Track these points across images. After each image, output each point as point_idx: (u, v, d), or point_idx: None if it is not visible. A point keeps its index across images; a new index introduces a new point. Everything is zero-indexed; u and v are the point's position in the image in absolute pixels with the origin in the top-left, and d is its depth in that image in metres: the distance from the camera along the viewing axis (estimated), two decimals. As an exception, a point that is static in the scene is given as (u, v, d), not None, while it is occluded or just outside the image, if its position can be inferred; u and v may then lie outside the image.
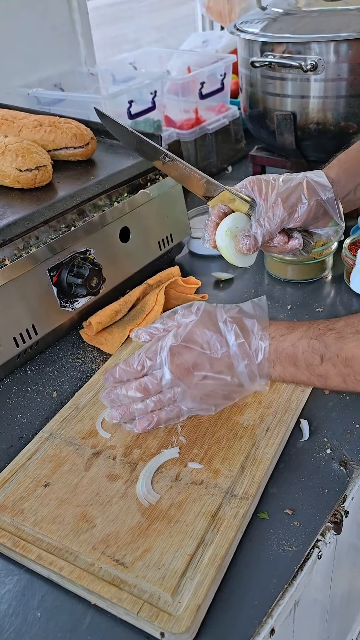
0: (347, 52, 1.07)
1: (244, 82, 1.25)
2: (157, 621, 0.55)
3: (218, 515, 0.64)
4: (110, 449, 0.74)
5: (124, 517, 0.65)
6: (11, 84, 1.36)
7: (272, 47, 1.12)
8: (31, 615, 0.59)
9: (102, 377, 0.74)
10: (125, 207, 0.99)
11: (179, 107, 1.44)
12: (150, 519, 0.64)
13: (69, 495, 0.68)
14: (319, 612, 0.82)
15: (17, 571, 0.63)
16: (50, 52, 1.46)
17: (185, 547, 0.61)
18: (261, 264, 1.13)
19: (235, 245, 0.76)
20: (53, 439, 0.76)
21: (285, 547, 0.62)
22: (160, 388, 0.68)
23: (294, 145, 1.18)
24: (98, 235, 0.95)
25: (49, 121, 1.03)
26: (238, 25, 1.20)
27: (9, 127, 1.04)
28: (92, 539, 0.63)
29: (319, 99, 1.13)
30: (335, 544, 0.72)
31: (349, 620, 1.08)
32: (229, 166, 1.56)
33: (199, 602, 0.56)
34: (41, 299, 0.89)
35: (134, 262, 1.04)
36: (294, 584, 0.60)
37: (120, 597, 0.57)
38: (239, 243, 0.75)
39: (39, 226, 0.89)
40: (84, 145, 1.02)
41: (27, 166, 0.92)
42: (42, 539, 0.64)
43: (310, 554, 0.62)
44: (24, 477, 0.71)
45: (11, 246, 0.85)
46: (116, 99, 1.27)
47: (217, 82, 1.47)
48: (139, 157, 1.06)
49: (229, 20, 1.84)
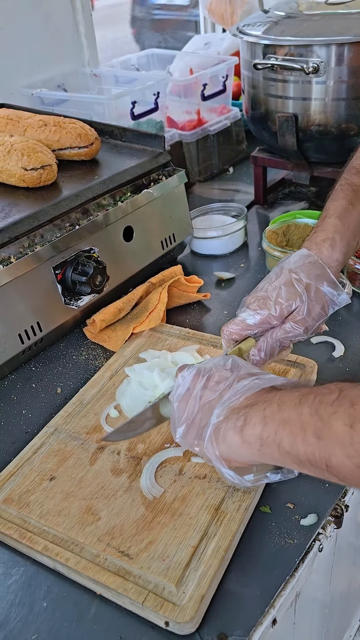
0: (349, 55, 1.09)
1: (246, 84, 1.27)
2: (162, 610, 0.56)
3: (221, 509, 0.65)
4: (115, 444, 0.75)
5: (128, 510, 0.66)
6: (15, 84, 1.38)
7: (274, 49, 1.13)
8: (37, 605, 0.60)
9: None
10: (129, 207, 1.00)
11: (181, 109, 1.46)
12: (154, 512, 0.66)
13: (74, 489, 0.69)
14: (319, 606, 0.83)
15: (23, 562, 0.64)
16: (54, 53, 1.47)
17: (189, 539, 0.62)
18: (262, 264, 1.14)
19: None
20: (58, 434, 0.77)
21: (287, 540, 0.63)
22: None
23: (295, 147, 1.20)
24: (102, 234, 0.96)
25: (53, 121, 1.05)
26: (241, 28, 1.22)
27: (14, 126, 1.05)
28: (97, 531, 0.64)
29: (321, 101, 1.14)
30: (336, 538, 0.73)
31: (347, 616, 1.10)
32: (230, 167, 1.57)
33: (202, 593, 0.57)
34: (46, 297, 0.90)
35: (137, 261, 1.05)
36: (296, 576, 0.61)
37: (125, 587, 0.58)
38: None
39: (44, 225, 0.90)
40: (88, 145, 1.04)
41: (32, 165, 0.93)
42: (48, 531, 0.65)
43: (312, 546, 0.63)
44: (29, 470, 0.72)
45: (16, 244, 0.86)
46: (119, 100, 1.28)
47: (219, 83, 1.49)
48: (142, 157, 1.07)
49: (231, 22, 1.85)
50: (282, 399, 0.54)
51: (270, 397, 0.56)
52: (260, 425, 0.54)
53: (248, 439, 0.55)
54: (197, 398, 0.61)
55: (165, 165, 1.10)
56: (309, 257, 0.72)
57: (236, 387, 0.59)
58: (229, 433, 0.56)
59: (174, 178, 1.08)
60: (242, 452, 0.56)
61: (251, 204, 1.38)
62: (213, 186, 1.50)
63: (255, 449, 0.55)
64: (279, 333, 0.71)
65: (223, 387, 0.60)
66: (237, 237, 1.20)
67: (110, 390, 0.84)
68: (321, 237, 0.74)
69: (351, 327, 0.95)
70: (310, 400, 0.51)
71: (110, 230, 0.98)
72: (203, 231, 1.19)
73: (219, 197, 1.42)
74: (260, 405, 0.55)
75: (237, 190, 1.47)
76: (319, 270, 0.72)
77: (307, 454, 0.50)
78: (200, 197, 1.44)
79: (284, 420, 0.52)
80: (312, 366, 0.84)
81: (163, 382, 0.81)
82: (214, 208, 1.28)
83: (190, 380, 0.62)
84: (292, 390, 0.55)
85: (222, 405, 0.58)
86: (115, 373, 0.87)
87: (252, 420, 0.55)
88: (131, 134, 1.14)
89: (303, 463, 0.51)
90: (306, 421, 0.50)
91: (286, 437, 0.52)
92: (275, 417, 0.53)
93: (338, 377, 0.85)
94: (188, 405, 0.61)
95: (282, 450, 0.52)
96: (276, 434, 0.53)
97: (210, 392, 0.61)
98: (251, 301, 0.72)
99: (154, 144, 1.10)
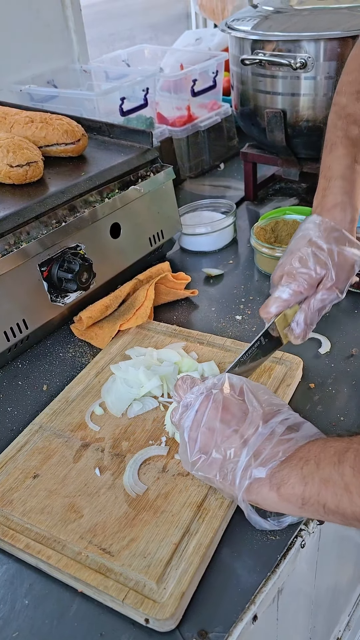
0: (337, 50, 1.08)
1: (235, 79, 1.26)
2: (142, 608, 0.56)
3: (203, 506, 0.65)
4: (99, 441, 0.75)
5: (111, 507, 0.66)
6: (4, 80, 1.37)
7: (262, 45, 1.13)
8: (19, 602, 0.60)
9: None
10: (116, 203, 1.00)
11: (171, 104, 1.45)
12: (137, 509, 0.66)
13: (58, 486, 0.69)
14: (305, 602, 0.83)
15: (5, 560, 0.64)
16: (44, 48, 1.46)
17: (170, 536, 0.62)
18: (251, 260, 1.14)
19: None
20: (43, 432, 0.77)
21: (269, 536, 0.63)
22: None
23: (284, 143, 1.19)
24: (89, 231, 0.96)
25: (40, 117, 1.04)
26: (229, 23, 1.21)
27: (0, 123, 1.05)
28: (79, 529, 0.64)
29: (309, 97, 1.14)
30: (319, 534, 0.73)
31: (336, 612, 1.10)
32: (221, 163, 1.57)
33: (183, 590, 0.57)
34: (32, 294, 0.90)
35: (125, 258, 1.04)
36: (277, 572, 0.61)
37: (106, 585, 0.58)
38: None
39: (30, 221, 0.90)
40: (75, 141, 1.03)
41: (18, 162, 0.93)
42: (31, 528, 0.65)
43: (294, 543, 0.63)
44: (13, 468, 0.72)
45: (2, 241, 0.86)
46: (109, 95, 1.28)
47: (209, 79, 1.48)
48: (130, 154, 1.07)
49: (222, 17, 1.85)
50: (319, 456, 0.55)
51: (304, 453, 0.56)
52: (300, 486, 0.54)
53: (288, 498, 0.56)
54: (212, 431, 0.61)
55: (154, 161, 1.09)
56: (323, 223, 0.73)
57: (262, 432, 0.59)
58: (264, 489, 0.57)
59: (162, 174, 1.08)
60: (279, 507, 0.58)
61: (241, 200, 1.38)
62: (204, 182, 1.50)
63: (296, 507, 0.56)
64: (315, 303, 0.72)
65: (247, 428, 0.60)
66: (226, 233, 1.20)
67: (96, 388, 0.84)
68: (331, 202, 0.75)
69: (337, 323, 0.95)
70: (350, 460, 0.52)
71: (98, 227, 0.98)
72: (192, 228, 1.18)
73: (210, 193, 1.42)
74: (296, 463, 0.56)
75: (228, 186, 1.47)
76: (336, 234, 0.73)
77: (355, 513, 0.51)
78: (191, 193, 1.44)
79: (324, 479, 0.53)
80: (297, 363, 0.84)
81: (149, 380, 0.81)
82: (203, 204, 1.28)
83: (198, 404, 0.62)
84: (326, 446, 0.55)
85: (250, 452, 0.58)
86: (101, 370, 0.87)
87: (290, 480, 0.55)
88: (119, 130, 1.13)
89: (350, 521, 0.52)
90: (350, 482, 0.51)
91: (330, 497, 0.52)
92: (315, 476, 0.54)
93: (324, 373, 0.85)
94: (200, 435, 0.61)
95: (327, 510, 0.53)
96: (319, 495, 0.53)
97: (229, 429, 0.60)
98: (279, 277, 0.73)
99: (142, 140, 1.10)
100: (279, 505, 0.57)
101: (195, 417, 0.62)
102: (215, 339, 0.91)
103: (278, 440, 0.59)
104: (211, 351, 0.89)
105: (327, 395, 0.81)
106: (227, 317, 0.99)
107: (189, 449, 0.62)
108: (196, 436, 0.61)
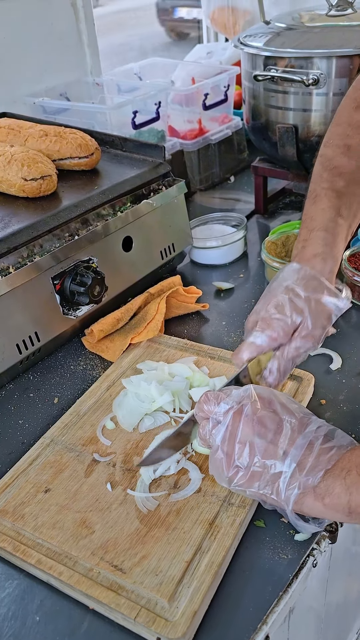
0: (349, 67, 1.09)
1: (247, 94, 1.27)
2: (154, 626, 0.56)
3: (215, 523, 0.65)
4: (111, 456, 0.75)
5: (122, 523, 0.66)
6: (18, 92, 1.38)
7: (275, 61, 1.14)
8: (30, 619, 0.60)
9: None
10: (129, 217, 1.01)
11: (182, 118, 1.46)
12: (148, 525, 0.66)
13: (69, 501, 0.69)
14: (314, 620, 0.83)
15: (17, 575, 0.64)
16: (57, 61, 1.48)
17: (182, 554, 0.62)
18: (261, 274, 1.15)
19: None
20: (54, 445, 0.77)
21: (280, 555, 0.63)
22: None
23: (295, 158, 1.20)
24: (101, 244, 0.97)
25: (54, 131, 1.05)
26: (242, 39, 1.22)
27: (15, 136, 1.06)
28: (91, 545, 0.64)
29: (320, 113, 1.14)
30: (331, 552, 0.73)
31: (344, 629, 1.09)
32: (231, 176, 1.58)
33: (195, 608, 0.57)
34: (44, 307, 0.90)
35: (136, 271, 1.05)
36: (289, 592, 0.61)
37: (117, 602, 0.58)
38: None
39: (43, 235, 0.90)
40: (89, 155, 1.04)
41: (32, 175, 0.94)
42: (42, 544, 0.65)
43: (305, 562, 0.63)
44: (25, 482, 0.72)
45: (15, 254, 0.87)
46: (121, 109, 1.29)
47: (220, 93, 1.49)
48: (142, 167, 1.07)
49: (233, 32, 1.86)
50: None
51: (345, 463, 0.58)
52: (345, 496, 0.56)
53: (334, 507, 0.57)
54: (249, 445, 0.60)
55: (166, 175, 1.10)
56: (302, 271, 0.72)
57: (301, 443, 0.60)
58: (308, 499, 0.58)
59: (173, 188, 1.09)
60: (326, 515, 0.59)
61: (252, 214, 1.38)
62: (214, 195, 1.50)
63: (343, 515, 0.57)
64: (290, 351, 0.71)
65: (285, 440, 0.60)
66: (237, 247, 1.20)
67: (107, 402, 0.84)
68: (311, 252, 0.73)
69: (348, 339, 0.95)
70: None
71: (110, 240, 0.99)
72: (203, 241, 1.19)
73: (220, 206, 1.43)
74: (338, 473, 0.58)
75: (238, 199, 1.48)
76: (315, 282, 0.71)
77: None
78: (201, 206, 1.44)
79: None
80: (309, 379, 0.84)
81: (161, 396, 0.81)
82: (213, 218, 1.28)
83: (230, 419, 0.62)
84: None
85: (293, 463, 0.59)
86: (112, 384, 0.87)
87: (335, 490, 0.57)
88: (132, 143, 1.14)
89: None
90: None
91: None
92: (359, 486, 0.56)
93: (335, 390, 0.85)
94: (236, 449, 0.61)
95: None
96: None
97: (265, 442, 0.60)
98: (254, 323, 0.72)
99: (154, 154, 1.11)
100: (325, 514, 0.59)
101: (229, 431, 0.62)
102: (226, 353, 0.91)
103: (320, 450, 0.60)
104: (222, 366, 0.89)
105: (339, 411, 0.81)
106: (238, 331, 0.99)
107: (225, 464, 0.62)
108: (232, 451, 0.61)
